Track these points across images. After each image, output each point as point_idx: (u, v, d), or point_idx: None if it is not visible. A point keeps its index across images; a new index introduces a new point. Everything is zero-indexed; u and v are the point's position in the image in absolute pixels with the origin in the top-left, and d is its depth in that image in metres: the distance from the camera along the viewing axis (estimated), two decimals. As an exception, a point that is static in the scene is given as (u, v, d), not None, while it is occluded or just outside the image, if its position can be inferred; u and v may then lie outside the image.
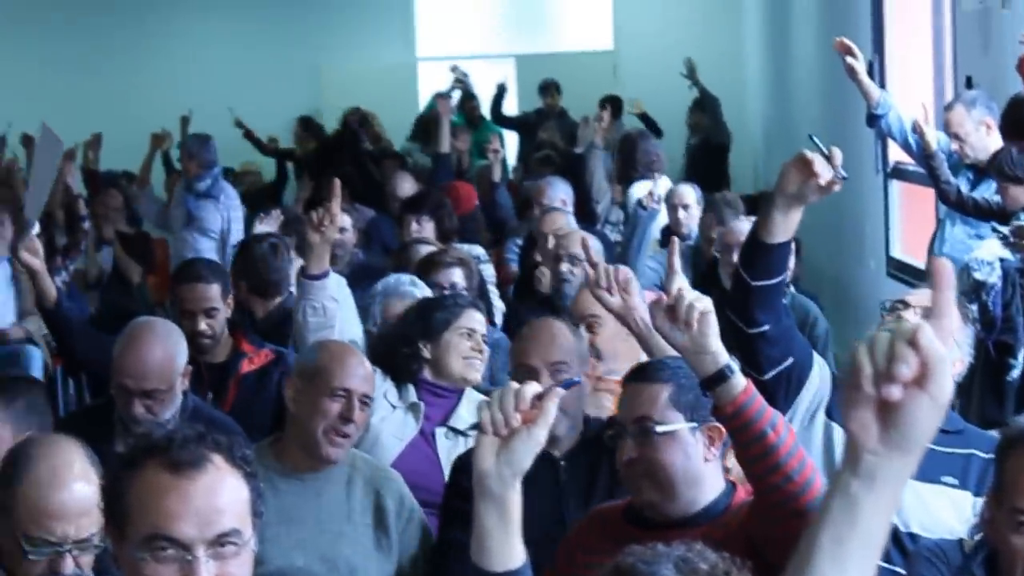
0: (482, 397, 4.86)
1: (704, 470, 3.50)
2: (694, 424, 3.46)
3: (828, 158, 3.52)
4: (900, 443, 1.95)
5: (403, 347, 5.15)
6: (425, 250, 7.03)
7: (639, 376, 3.60)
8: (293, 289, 6.19)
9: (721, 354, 3.20)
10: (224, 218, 10.14)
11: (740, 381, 3.19)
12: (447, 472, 4.86)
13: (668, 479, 3.46)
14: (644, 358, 5.22)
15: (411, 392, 5.10)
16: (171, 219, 10.63)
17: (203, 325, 5.82)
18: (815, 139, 3.64)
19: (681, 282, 3.30)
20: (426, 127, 13.40)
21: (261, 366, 5.82)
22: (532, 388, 2.62)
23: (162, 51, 17.23)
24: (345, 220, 8.32)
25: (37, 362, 8.61)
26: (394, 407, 5.05)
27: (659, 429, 3.44)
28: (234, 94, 16.07)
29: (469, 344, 5.20)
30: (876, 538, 2.02)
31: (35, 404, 4.06)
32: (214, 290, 5.91)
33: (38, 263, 5.59)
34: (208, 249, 9.84)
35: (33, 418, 3.98)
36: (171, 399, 4.74)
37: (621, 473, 3.56)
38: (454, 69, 14.37)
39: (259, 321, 6.58)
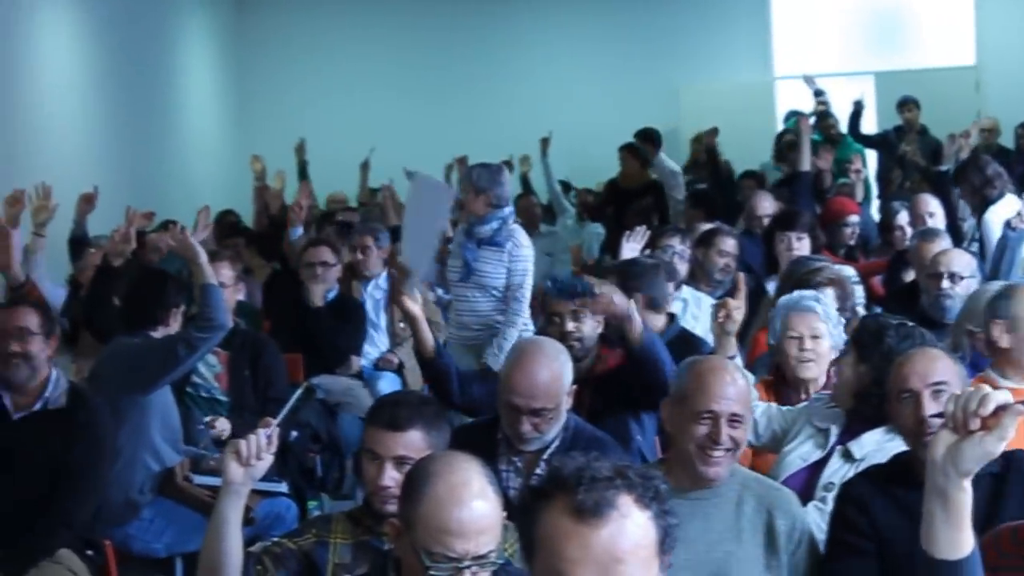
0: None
1: None
2: None
3: None
4: None
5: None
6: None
7: None
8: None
9: None
10: (513, 271, 8.08)
11: None
12: (817, 492, 4.84)
13: None
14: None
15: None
16: (446, 269, 8.58)
17: (570, 326, 5.91)
18: None
19: None
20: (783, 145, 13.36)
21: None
22: (1000, 396, 2.66)
23: (523, 75, 17.57)
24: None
25: (390, 385, 8.85)
26: (817, 429, 5.09)
27: None
28: (593, 116, 16.29)
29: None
30: None
31: (443, 425, 4.17)
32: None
33: (418, 311, 5.71)
34: (489, 311, 8.11)
35: (443, 438, 4.10)
36: (557, 418, 4.81)
37: None
38: (809, 81, 14.24)
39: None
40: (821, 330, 5.75)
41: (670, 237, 8.36)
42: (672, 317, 6.80)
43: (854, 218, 9.75)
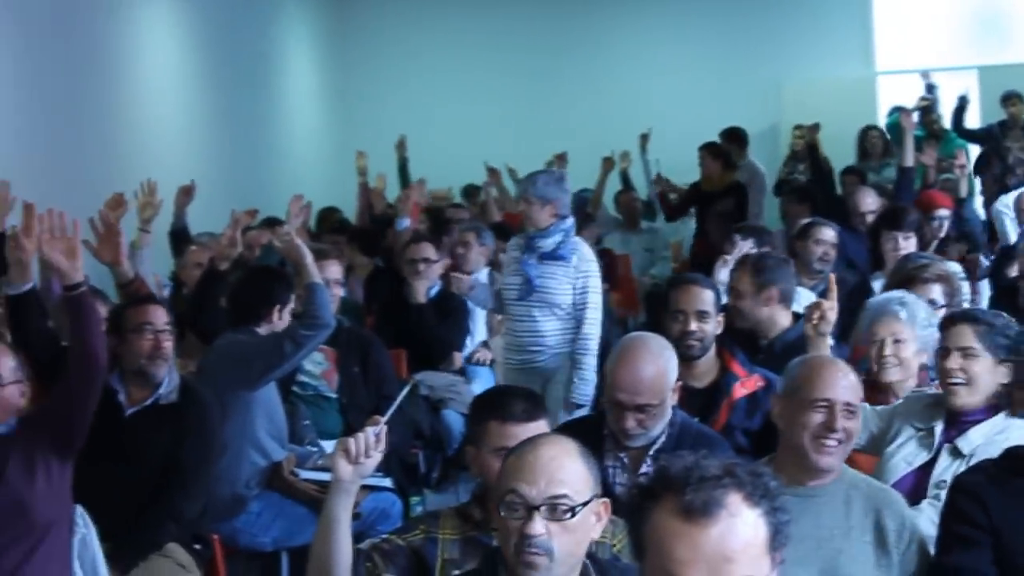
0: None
1: None
2: None
3: None
4: None
5: None
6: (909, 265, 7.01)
7: None
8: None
9: None
10: (581, 288, 7.50)
11: None
12: (929, 490, 4.79)
13: None
14: None
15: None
16: (503, 285, 7.88)
17: (693, 326, 5.89)
18: None
19: None
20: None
21: (752, 392, 5.75)
22: None
23: (623, 73, 17.56)
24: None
25: (487, 381, 8.86)
26: (919, 430, 5.04)
27: None
28: (694, 112, 16.21)
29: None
30: None
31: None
32: (707, 295, 5.99)
33: None
34: (553, 331, 7.52)
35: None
36: (662, 414, 4.81)
37: None
38: (924, 75, 14.11)
39: (776, 338, 6.58)
40: (904, 334, 5.67)
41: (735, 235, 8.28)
42: (797, 316, 6.64)
43: (943, 212, 9.62)
